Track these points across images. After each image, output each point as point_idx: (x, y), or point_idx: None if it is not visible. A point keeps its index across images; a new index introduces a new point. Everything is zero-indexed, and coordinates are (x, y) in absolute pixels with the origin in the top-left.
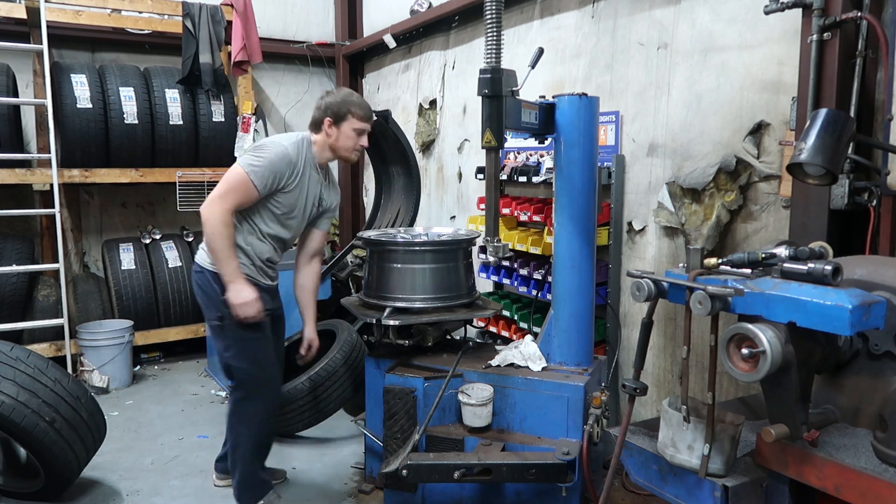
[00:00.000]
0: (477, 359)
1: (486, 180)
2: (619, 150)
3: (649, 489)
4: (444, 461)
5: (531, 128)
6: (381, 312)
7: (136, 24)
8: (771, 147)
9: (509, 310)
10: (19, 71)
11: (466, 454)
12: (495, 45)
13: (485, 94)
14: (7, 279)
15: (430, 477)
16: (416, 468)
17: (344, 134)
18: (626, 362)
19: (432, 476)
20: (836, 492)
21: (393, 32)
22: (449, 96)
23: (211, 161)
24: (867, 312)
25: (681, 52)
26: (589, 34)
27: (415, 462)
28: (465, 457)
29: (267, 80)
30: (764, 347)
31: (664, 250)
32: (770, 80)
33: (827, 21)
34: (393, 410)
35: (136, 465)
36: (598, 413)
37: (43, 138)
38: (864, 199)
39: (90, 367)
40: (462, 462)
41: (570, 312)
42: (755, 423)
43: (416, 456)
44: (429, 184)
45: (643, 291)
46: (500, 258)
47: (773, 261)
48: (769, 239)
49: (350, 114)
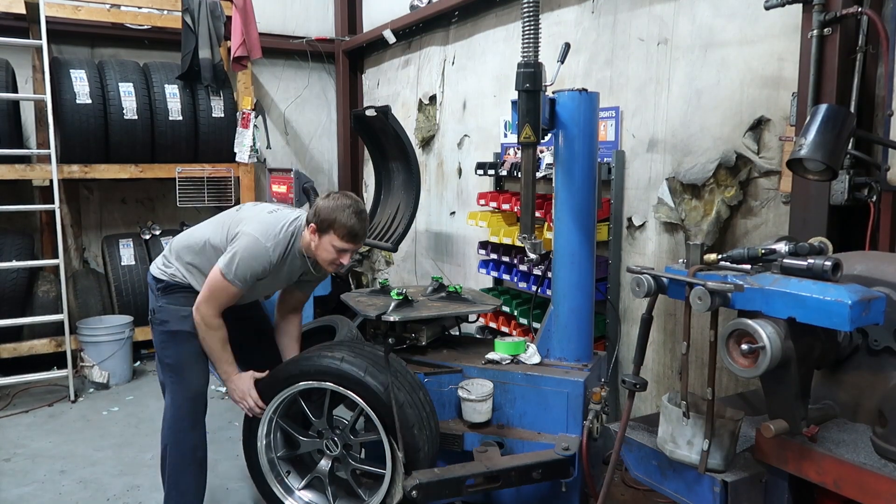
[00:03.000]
0: (477, 354)
1: (524, 177)
2: (619, 146)
3: (649, 484)
4: (452, 475)
5: None
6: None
7: (135, 20)
8: (771, 143)
9: (509, 305)
10: (18, 66)
11: (472, 464)
12: (533, 39)
13: (525, 89)
14: (7, 275)
15: (440, 494)
16: (425, 487)
17: (323, 246)
18: (626, 358)
19: (443, 492)
20: (836, 487)
21: (392, 28)
22: (449, 92)
23: (210, 157)
24: (867, 308)
25: (681, 48)
26: (589, 29)
27: (424, 480)
28: (472, 467)
29: (266, 75)
30: (763, 343)
31: (664, 246)
32: (770, 75)
33: (827, 16)
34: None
35: (136, 460)
36: (597, 408)
37: (42, 134)
38: (864, 195)
39: (90, 363)
40: (469, 472)
41: (569, 308)
42: (755, 418)
43: (421, 474)
44: (429, 179)
45: (643, 287)
46: (538, 254)
47: (772, 256)
48: (769, 234)
49: (333, 230)
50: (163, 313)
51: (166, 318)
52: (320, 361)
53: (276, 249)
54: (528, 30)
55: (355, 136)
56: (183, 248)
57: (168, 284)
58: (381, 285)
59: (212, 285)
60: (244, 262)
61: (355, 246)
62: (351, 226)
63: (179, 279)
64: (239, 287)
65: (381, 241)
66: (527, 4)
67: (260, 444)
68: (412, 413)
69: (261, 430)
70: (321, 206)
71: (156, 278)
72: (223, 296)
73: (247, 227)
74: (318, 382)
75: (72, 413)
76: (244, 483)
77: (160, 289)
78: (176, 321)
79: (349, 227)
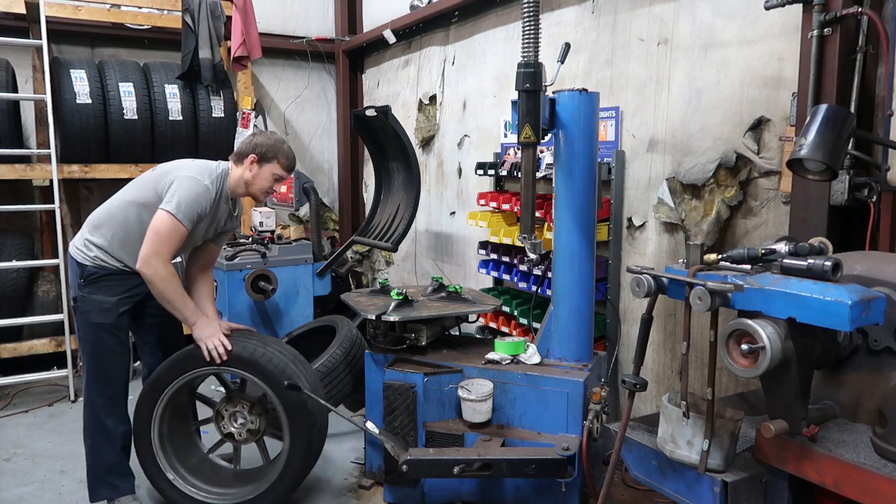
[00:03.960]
0: (477, 354)
1: (524, 177)
2: (619, 146)
3: (649, 484)
4: (443, 457)
5: None
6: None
7: (135, 20)
8: (771, 143)
9: (509, 305)
10: (18, 66)
11: (466, 450)
12: (533, 39)
13: (525, 89)
14: (7, 275)
15: (430, 472)
16: (416, 464)
17: (263, 175)
18: (626, 358)
19: (432, 471)
20: (836, 487)
21: (393, 28)
22: (449, 92)
23: (211, 156)
24: (867, 308)
25: (681, 48)
26: (589, 29)
27: (415, 458)
28: (465, 452)
29: (266, 75)
30: (763, 343)
31: (664, 246)
32: (770, 75)
33: (827, 16)
34: (393, 406)
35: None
36: (597, 409)
37: (42, 134)
38: (864, 195)
39: None
40: (462, 457)
41: (569, 308)
42: (754, 418)
43: (416, 451)
44: (428, 180)
45: (643, 287)
46: (538, 254)
47: (772, 256)
48: (769, 235)
49: (276, 160)
50: (85, 304)
51: (88, 309)
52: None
53: (213, 187)
54: (528, 30)
55: (355, 136)
56: (104, 219)
57: (91, 272)
58: (381, 285)
59: (158, 229)
60: (189, 200)
61: (288, 176)
62: (292, 157)
63: (102, 262)
64: (187, 227)
65: (381, 241)
66: (527, 4)
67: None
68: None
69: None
70: (258, 141)
71: (78, 263)
72: (174, 238)
73: (181, 172)
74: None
75: (72, 413)
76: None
77: (84, 277)
78: (97, 313)
79: (290, 157)
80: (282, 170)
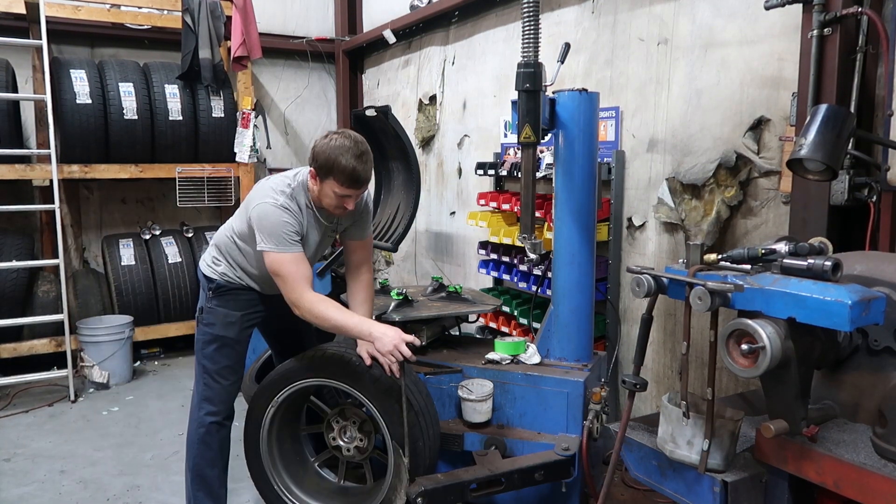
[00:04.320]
0: (477, 354)
1: (524, 177)
2: (619, 146)
3: (649, 484)
4: (455, 480)
5: None
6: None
7: (135, 20)
8: (771, 143)
9: (509, 305)
10: (18, 66)
11: (475, 468)
12: (533, 39)
13: (525, 89)
14: (7, 275)
15: (445, 500)
16: (430, 494)
17: (325, 192)
18: (626, 358)
19: (447, 498)
20: (836, 487)
21: (392, 28)
22: (449, 92)
23: (211, 157)
24: (867, 308)
25: (681, 48)
26: (589, 29)
27: (429, 487)
28: (475, 471)
29: (266, 75)
30: (763, 343)
31: (664, 246)
32: (770, 75)
33: (827, 16)
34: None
35: (136, 460)
36: (597, 409)
37: (42, 134)
38: (864, 195)
39: (90, 363)
40: (472, 477)
41: (569, 308)
42: (754, 418)
43: (426, 481)
44: (429, 179)
45: (643, 287)
46: (538, 254)
47: (772, 256)
48: (769, 235)
49: (332, 175)
50: (210, 315)
51: (213, 321)
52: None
53: (291, 201)
54: (528, 30)
55: None
56: (220, 240)
57: (220, 285)
58: (381, 285)
59: (276, 271)
60: (272, 228)
61: (358, 191)
62: (352, 170)
63: (230, 278)
64: (293, 250)
65: (381, 241)
66: (527, 4)
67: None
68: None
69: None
70: (319, 148)
71: (207, 277)
72: (292, 268)
73: (254, 202)
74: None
75: (72, 413)
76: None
77: (212, 289)
78: (221, 326)
79: (349, 172)
80: (340, 187)
